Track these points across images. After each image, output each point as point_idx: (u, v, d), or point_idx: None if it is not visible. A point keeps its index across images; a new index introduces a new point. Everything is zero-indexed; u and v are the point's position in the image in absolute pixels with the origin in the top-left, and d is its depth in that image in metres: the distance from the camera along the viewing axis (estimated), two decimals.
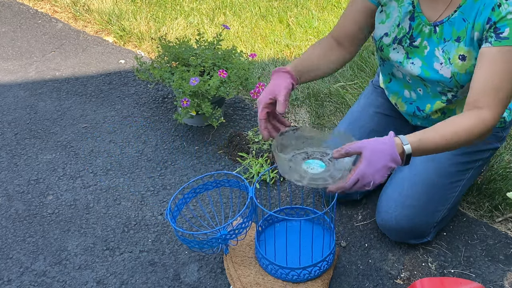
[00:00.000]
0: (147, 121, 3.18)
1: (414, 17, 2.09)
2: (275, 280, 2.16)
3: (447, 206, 2.28)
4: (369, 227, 2.46)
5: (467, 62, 1.99)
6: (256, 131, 3.00)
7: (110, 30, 4.18)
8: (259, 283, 2.15)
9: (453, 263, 2.30)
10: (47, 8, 4.56)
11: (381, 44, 2.22)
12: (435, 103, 2.22)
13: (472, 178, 2.35)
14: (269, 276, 2.17)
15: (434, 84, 2.14)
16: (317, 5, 4.54)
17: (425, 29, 2.08)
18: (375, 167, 1.76)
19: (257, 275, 2.18)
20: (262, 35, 4.10)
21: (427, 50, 2.09)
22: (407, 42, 2.14)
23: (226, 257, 2.24)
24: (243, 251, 2.27)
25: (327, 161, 2.02)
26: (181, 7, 4.49)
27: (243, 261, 2.23)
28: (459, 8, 1.96)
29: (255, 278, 2.16)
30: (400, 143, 1.80)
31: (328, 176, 1.91)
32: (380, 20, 2.21)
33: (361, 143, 1.79)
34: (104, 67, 3.74)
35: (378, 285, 2.21)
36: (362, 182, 1.77)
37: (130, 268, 2.28)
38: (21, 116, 3.23)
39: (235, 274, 2.18)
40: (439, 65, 2.06)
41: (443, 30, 2.03)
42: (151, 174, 2.79)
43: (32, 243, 2.41)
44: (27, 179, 2.76)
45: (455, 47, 2.00)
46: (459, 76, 2.03)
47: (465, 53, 1.98)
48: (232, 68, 2.92)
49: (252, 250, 2.27)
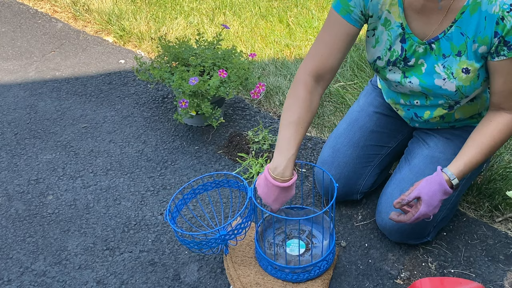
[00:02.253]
0: (147, 121, 3.18)
1: (405, 39, 2.07)
2: (275, 280, 2.16)
3: (446, 206, 2.28)
4: (369, 227, 2.46)
5: (471, 74, 2.00)
6: (255, 131, 3.00)
7: (110, 30, 4.18)
8: (259, 283, 2.15)
9: (453, 263, 2.30)
10: (47, 8, 4.56)
11: (376, 67, 2.22)
12: (436, 110, 2.22)
13: (471, 178, 2.36)
14: (269, 276, 2.17)
15: (437, 97, 2.14)
16: (317, 5, 4.54)
17: (419, 49, 2.06)
18: (433, 205, 2.02)
19: (257, 275, 2.18)
20: (262, 35, 4.10)
21: (424, 67, 2.09)
22: (401, 63, 2.13)
23: (226, 257, 2.24)
24: (243, 251, 2.27)
25: (305, 239, 2.34)
26: (181, 7, 4.49)
27: (243, 261, 2.23)
28: (455, 22, 1.95)
29: (255, 278, 2.16)
30: (449, 179, 2.01)
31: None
32: (371, 45, 2.19)
33: (418, 190, 2.03)
34: (104, 67, 3.74)
35: (378, 285, 2.21)
36: (423, 217, 2.05)
37: (130, 268, 2.28)
38: (21, 116, 3.23)
39: (235, 274, 2.18)
40: (442, 81, 2.05)
41: (441, 46, 2.02)
42: (151, 174, 2.78)
43: (32, 243, 2.41)
44: (27, 179, 2.76)
45: (457, 62, 2.00)
46: (464, 88, 2.04)
47: (468, 66, 1.99)
48: (232, 68, 2.92)
49: (252, 250, 2.27)
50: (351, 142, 2.48)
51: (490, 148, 2.01)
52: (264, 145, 2.90)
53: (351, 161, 2.46)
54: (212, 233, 2.21)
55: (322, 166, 2.48)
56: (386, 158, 2.54)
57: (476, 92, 2.06)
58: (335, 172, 2.44)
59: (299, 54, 3.84)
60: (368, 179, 2.50)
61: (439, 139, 2.34)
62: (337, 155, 2.46)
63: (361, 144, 2.47)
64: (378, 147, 2.49)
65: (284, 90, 3.37)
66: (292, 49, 3.92)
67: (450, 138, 2.32)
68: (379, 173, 2.54)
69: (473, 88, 2.03)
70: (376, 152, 2.49)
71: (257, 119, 3.16)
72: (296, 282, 2.15)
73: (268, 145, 2.90)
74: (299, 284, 2.15)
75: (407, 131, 2.53)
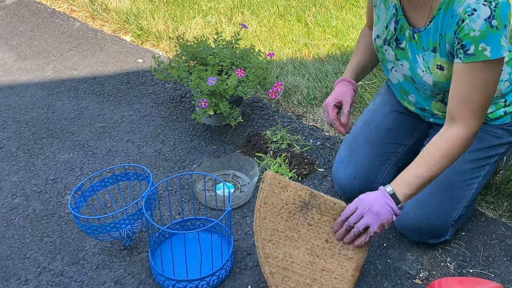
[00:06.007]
0: (165, 121, 3.17)
1: (398, 20, 2.14)
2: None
3: (463, 204, 2.27)
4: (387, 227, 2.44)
5: (446, 71, 2.03)
6: (274, 131, 2.99)
7: (128, 29, 4.18)
8: (287, 268, 2.11)
9: (472, 263, 2.29)
10: (64, 7, 4.57)
11: (376, 46, 2.29)
12: (431, 103, 2.26)
13: (487, 174, 2.34)
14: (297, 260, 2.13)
15: (423, 88, 2.18)
16: (336, 4, 4.53)
17: (406, 33, 2.13)
18: (375, 212, 1.98)
19: (286, 257, 2.13)
20: (280, 34, 4.09)
21: (409, 53, 2.15)
22: (393, 44, 2.19)
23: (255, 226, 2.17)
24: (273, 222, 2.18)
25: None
26: (199, 6, 4.48)
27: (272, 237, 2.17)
28: (433, 18, 1.99)
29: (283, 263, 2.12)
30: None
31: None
32: (374, 23, 2.29)
33: (355, 204, 2.05)
34: (122, 67, 3.74)
35: (397, 285, 2.19)
36: (360, 209, 2.01)
37: (148, 268, 2.27)
38: (38, 116, 3.24)
39: (263, 253, 2.13)
40: (422, 72, 2.11)
41: (421, 39, 2.07)
42: (169, 173, 2.78)
43: (49, 243, 2.41)
44: (45, 179, 2.76)
45: (433, 57, 2.04)
46: (441, 84, 2.08)
47: (442, 64, 2.02)
48: (250, 68, 2.91)
49: (283, 223, 2.18)
50: (367, 140, 2.49)
51: (440, 165, 1.99)
52: (283, 145, 2.88)
53: (368, 159, 2.46)
54: (106, 218, 2.28)
55: (339, 165, 2.52)
56: (403, 157, 2.53)
57: None
58: (352, 170, 2.45)
59: (317, 54, 3.82)
60: (385, 178, 2.50)
61: None
62: (354, 153, 2.48)
63: (377, 142, 2.47)
64: (395, 145, 2.48)
65: (302, 90, 3.35)
66: (311, 48, 3.90)
67: None
68: (395, 172, 2.52)
69: (449, 85, 2.04)
70: (393, 150, 2.49)
71: (275, 119, 3.15)
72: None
73: (286, 144, 2.89)
74: (331, 263, 2.11)
75: (423, 128, 2.52)
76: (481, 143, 2.26)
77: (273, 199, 2.09)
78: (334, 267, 2.08)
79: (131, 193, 2.60)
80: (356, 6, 4.49)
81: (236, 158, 2.76)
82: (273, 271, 2.07)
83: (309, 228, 2.11)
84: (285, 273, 2.08)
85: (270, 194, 2.08)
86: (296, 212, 2.11)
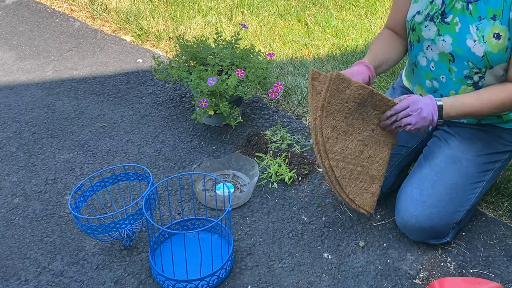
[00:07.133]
0: (165, 121, 3.17)
1: None
2: None
3: (466, 207, 2.28)
4: (387, 227, 2.44)
5: (502, 41, 2.02)
6: (274, 131, 2.99)
7: (128, 29, 4.18)
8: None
9: (472, 263, 2.29)
10: (64, 7, 4.56)
11: (413, 23, 2.26)
12: (460, 89, 2.23)
13: (491, 180, 2.35)
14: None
15: (462, 66, 2.16)
16: (336, 4, 4.52)
17: (458, 5, 2.10)
18: (418, 110, 2.09)
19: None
20: (280, 34, 4.09)
21: (458, 27, 2.12)
22: (439, 18, 2.16)
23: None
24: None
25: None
26: (199, 6, 4.48)
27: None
28: None
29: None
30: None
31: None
32: (412, 0, 2.27)
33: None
34: (122, 67, 3.74)
35: (397, 285, 2.20)
36: (411, 108, 2.11)
37: (148, 268, 2.27)
38: (38, 116, 3.24)
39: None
40: (472, 43, 2.08)
41: (478, 8, 2.05)
42: (169, 173, 2.78)
43: (49, 243, 2.41)
44: (45, 179, 2.76)
45: (490, 25, 2.03)
46: (491, 55, 2.06)
47: (500, 32, 2.02)
48: (250, 68, 2.91)
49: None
50: None
51: (491, 105, 2.09)
52: (282, 145, 2.88)
53: None
54: (106, 218, 2.29)
55: None
56: (406, 159, 2.53)
57: (501, 66, 2.11)
58: None
59: (317, 54, 3.82)
60: (388, 179, 2.50)
61: (461, 140, 2.32)
62: None
63: None
64: (398, 147, 2.48)
65: (302, 90, 3.35)
66: (311, 48, 3.90)
67: (472, 140, 2.31)
68: (398, 174, 2.53)
69: (499, 58, 2.05)
70: (396, 152, 2.48)
71: (275, 119, 3.15)
72: None
73: (286, 144, 2.89)
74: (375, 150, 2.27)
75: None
76: (488, 148, 2.28)
77: (335, 98, 2.13)
78: (377, 153, 2.28)
79: (131, 193, 2.60)
80: (356, 6, 4.49)
81: (236, 158, 2.76)
82: (333, 165, 2.17)
83: (362, 122, 2.21)
84: (342, 165, 2.19)
85: (334, 93, 2.11)
86: (354, 109, 2.17)
